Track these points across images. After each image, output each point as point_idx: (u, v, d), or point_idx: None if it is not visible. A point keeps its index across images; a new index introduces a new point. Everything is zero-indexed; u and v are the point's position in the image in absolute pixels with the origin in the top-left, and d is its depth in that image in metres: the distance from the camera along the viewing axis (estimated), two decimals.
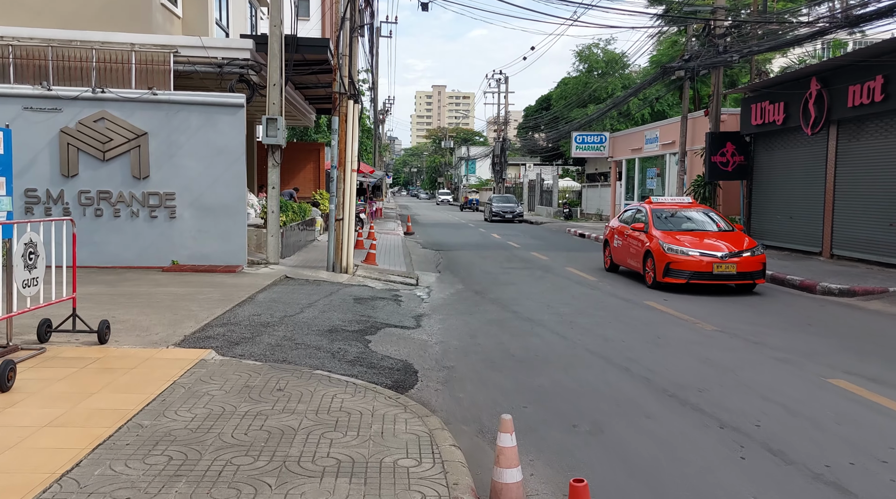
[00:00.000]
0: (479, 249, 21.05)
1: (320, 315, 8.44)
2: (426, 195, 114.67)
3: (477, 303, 10.84)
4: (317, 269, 13.02)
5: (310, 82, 18.04)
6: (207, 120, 12.49)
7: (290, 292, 10.16)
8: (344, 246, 12.74)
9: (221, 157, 12.52)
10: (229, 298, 9.12)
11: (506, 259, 18.10)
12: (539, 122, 66.69)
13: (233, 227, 12.59)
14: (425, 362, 6.72)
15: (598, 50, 63.02)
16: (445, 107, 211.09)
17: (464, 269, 15.76)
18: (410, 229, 27.15)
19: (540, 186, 47.66)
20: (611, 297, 11.64)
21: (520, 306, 10.49)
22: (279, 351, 6.42)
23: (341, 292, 10.61)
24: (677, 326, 9.06)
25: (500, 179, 57.20)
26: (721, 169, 19.13)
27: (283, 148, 13.53)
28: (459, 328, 8.66)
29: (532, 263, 17.18)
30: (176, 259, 12.44)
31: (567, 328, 8.78)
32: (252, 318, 7.93)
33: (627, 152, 28.33)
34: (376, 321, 8.46)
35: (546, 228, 32.27)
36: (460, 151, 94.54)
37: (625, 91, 57.50)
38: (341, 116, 12.67)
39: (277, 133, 12.68)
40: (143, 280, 10.64)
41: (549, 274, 14.80)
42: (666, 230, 12.94)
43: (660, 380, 6.30)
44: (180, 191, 12.46)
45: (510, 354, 7.28)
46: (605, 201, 36.36)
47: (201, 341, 6.55)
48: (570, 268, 15.91)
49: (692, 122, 22.18)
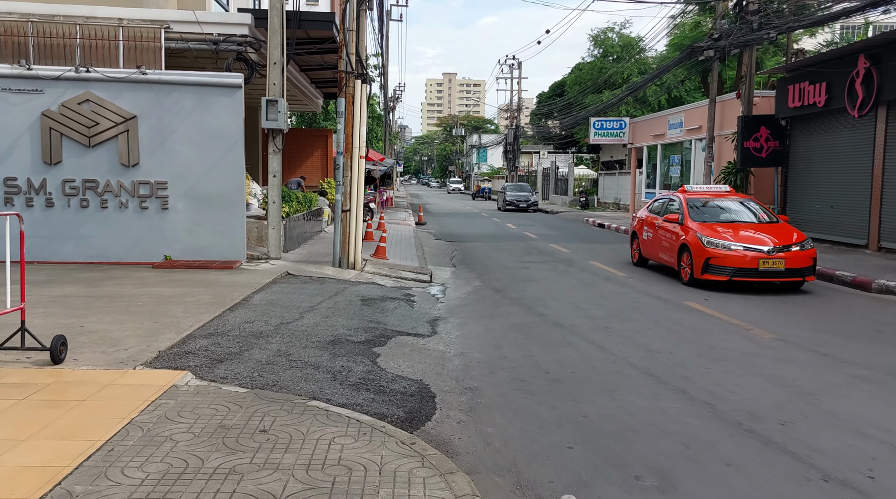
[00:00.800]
0: (494, 241, 19.95)
1: (322, 322, 7.39)
2: (437, 184, 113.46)
3: (498, 303, 9.77)
4: (322, 264, 11.99)
5: (315, 63, 16.94)
6: (202, 102, 11.44)
7: (290, 293, 9.13)
8: (351, 239, 11.69)
9: (218, 142, 11.48)
10: (221, 300, 8.10)
11: (524, 251, 17.00)
12: (552, 108, 65.33)
13: (230, 219, 11.57)
14: (444, 383, 5.66)
15: (614, 34, 61.40)
16: (456, 94, 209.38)
17: (480, 262, 14.68)
18: (422, 219, 26.09)
19: (554, 175, 46.41)
20: (645, 296, 10.53)
21: (546, 308, 9.41)
22: (270, 371, 5.37)
23: (348, 292, 9.57)
24: (728, 333, 7.95)
25: (512, 167, 55.94)
26: (754, 155, 17.90)
27: (286, 134, 12.49)
28: (481, 336, 7.60)
29: (553, 256, 16.08)
30: (168, 254, 11.44)
31: (603, 336, 7.69)
32: (243, 326, 6.89)
33: (648, 139, 27.06)
34: (386, 328, 7.40)
35: (562, 218, 31.11)
36: (471, 139, 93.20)
37: (641, 76, 56.08)
38: (348, 98, 11.58)
39: (279, 116, 11.62)
40: (129, 278, 9.64)
41: (572, 269, 13.69)
42: (704, 222, 11.78)
43: (727, 407, 5.21)
44: (173, 180, 11.43)
45: (543, 370, 6.21)
46: (624, 190, 35.09)
47: (178, 359, 5.52)
48: (594, 262, 14.79)
49: (720, 106, 20.90)
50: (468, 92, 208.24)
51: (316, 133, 24.15)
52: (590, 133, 30.62)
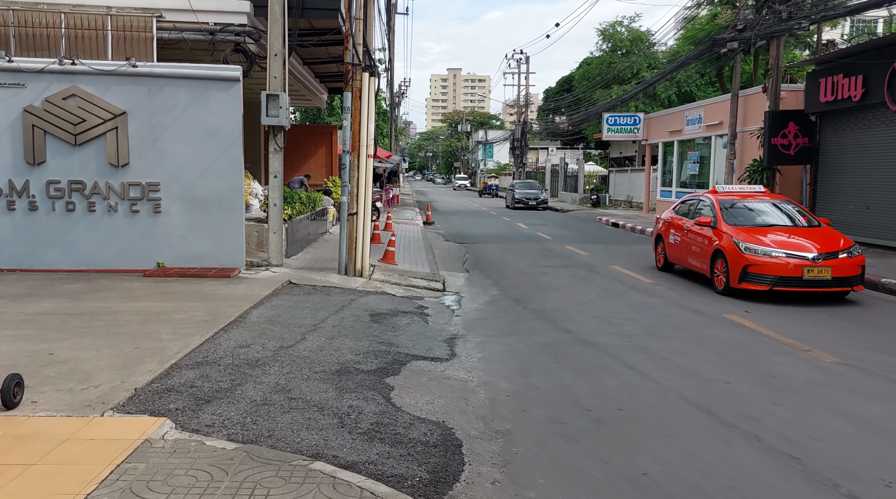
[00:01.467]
0: (506, 242, 19.09)
1: (327, 344, 6.54)
2: (442, 180, 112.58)
3: (518, 316, 8.91)
4: (327, 271, 11.14)
5: (319, 57, 16.09)
6: (197, 97, 10.60)
7: (292, 307, 8.28)
8: (358, 245, 10.83)
9: (215, 140, 10.64)
10: (215, 317, 7.26)
11: (539, 254, 16.13)
12: (560, 104, 64.34)
13: (228, 222, 10.73)
14: (470, 425, 4.81)
15: (623, 28, 60.50)
16: (461, 90, 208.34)
17: (494, 267, 13.82)
18: (430, 218, 25.23)
19: (564, 171, 45.46)
20: (678, 308, 9.66)
21: (572, 322, 8.55)
22: (265, 415, 4.53)
23: (355, 305, 8.72)
24: (783, 354, 7.08)
25: (520, 163, 54.99)
26: (782, 152, 16.97)
27: (288, 131, 11.65)
28: (505, 359, 6.75)
29: (570, 259, 15.20)
30: (161, 261, 10.62)
31: (642, 358, 6.83)
32: (237, 351, 6.05)
33: (664, 135, 26.12)
34: (399, 352, 6.55)
35: (574, 217, 30.21)
36: (477, 135, 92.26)
37: (650, 71, 55.05)
38: (354, 92, 10.72)
39: (279, 112, 10.77)
40: (116, 290, 8.81)
41: (594, 274, 12.82)
42: (739, 226, 10.89)
43: (815, 462, 4.34)
44: (166, 181, 10.60)
45: (583, 406, 5.35)
46: (636, 187, 34.16)
47: (157, 399, 4.68)
48: (615, 266, 13.91)
49: (743, 101, 19.96)
50: (473, 88, 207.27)
51: (320, 130, 23.30)
52: (603, 129, 29.68)
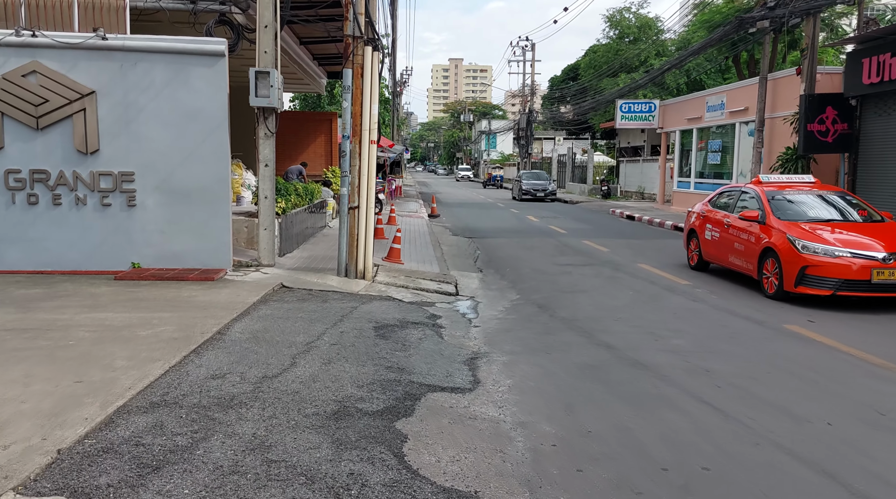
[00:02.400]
0: (518, 236, 17.81)
1: (322, 371, 5.28)
2: (444, 171, 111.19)
3: (547, 327, 7.65)
4: (325, 272, 9.87)
5: (317, 35, 14.76)
6: (177, 74, 9.31)
7: (283, 317, 7.02)
8: (360, 242, 9.56)
9: (197, 124, 9.37)
10: (188, 333, 6.01)
11: (556, 250, 14.86)
12: (566, 93, 62.90)
13: (213, 217, 9.47)
14: (513, 498, 3.54)
15: (630, 14, 59.03)
16: (462, 80, 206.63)
17: (509, 265, 12.55)
18: (435, 211, 23.95)
19: (571, 162, 44.11)
20: (729, 315, 8.39)
21: (610, 334, 7.29)
22: (231, 495, 3.26)
23: (357, 315, 7.45)
24: (879, 379, 5.82)
25: (525, 153, 53.58)
26: (819, 139, 15.65)
27: (283, 115, 10.39)
28: (541, 386, 5.48)
29: (591, 256, 13.92)
30: (137, 261, 9.36)
31: (707, 385, 5.57)
32: (208, 385, 4.79)
33: (682, 122, 24.77)
34: (411, 380, 5.28)
35: (585, 209, 28.90)
36: (480, 125, 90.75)
37: (659, 58, 53.60)
38: (355, 69, 9.41)
39: (271, 92, 9.48)
40: (78, 297, 7.56)
41: (620, 274, 11.55)
42: (792, 221, 9.61)
43: None
44: (141, 170, 9.33)
45: (655, 462, 4.09)
46: (648, 178, 32.83)
47: (86, 467, 3.41)
48: (642, 264, 12.64)
49: (773, 85, 18.61)
50: (475, 78, 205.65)
51: (319, 117, 21.98)
52: (616, 117, 28.32)
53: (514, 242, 16.63)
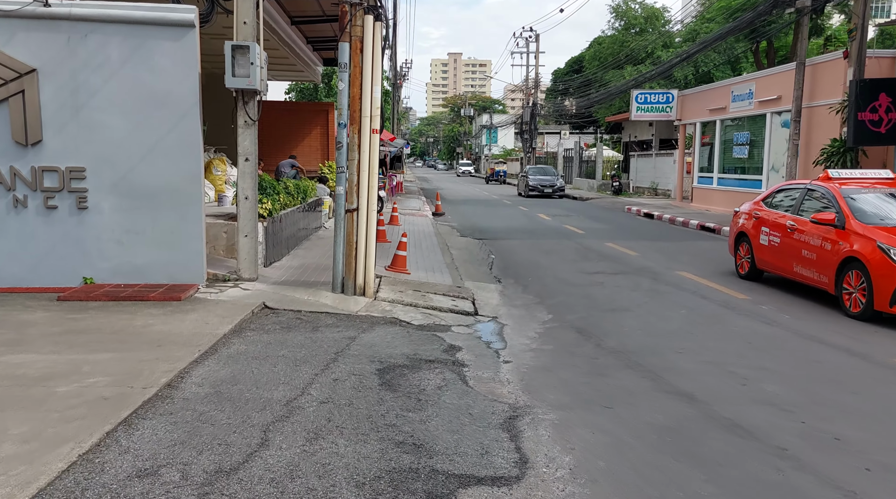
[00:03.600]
0: (533, 238, 16.20)
1: (305, 458, 3.66)
2: (444, 166, 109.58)
3: (596, 363, 6.04)
4: (318, 287, 8.25)
5: (310, 14, 13.11)
6: (137, 49, 7.68)
7: (258, 359, 5.40)
8: (360, 253, 7.93)
9: (162, 110, 7.75)
10: (125, 389, 4.39)
11: (578, 254, 13.25)
12: (569, 86, 61.29)
13: (182, 222, 7.86)
14: None
15: (636, 4, 57.42)
16: (462, 75, 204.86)
17: (530, 273, 10.95)
18: (440, 209, 22.32)
19: (579, 157, 42.47)
20: (816, 344, 6.78)
21: (680, 375, 5.69)
22: None
23: (356, 350, 5.84)
24: None
25: (529, 148, 51.91)
26: (871, 130, 14.04)
27: (277, 108, 8.76)
28: (615, 470, 3.88)
29: (620, 262, 12.31)
30: (90, 276, 7.75)
31: (852, 467, 3.98)
32: (128, 491, 3.17)
33: (703, 113, 23.13)
34: (434, 468, 3.68)
35: (597, 206, 27.26)
36: (481, 120, 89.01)
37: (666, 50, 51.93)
38: (354, 42, 7.78)
39: (251, 71, 7.85)
40: (4, 326, 5.94)
41: (662, 285, 9.95)
42: (878, 225, 8.00)
43: None
44: (95, 165, 7.72)
45: None
46: (662, 173, 31.18)
47: None
48: (683, 273, 11.03)
49: (811, 71, 16.97)
50: (474, 72, 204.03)
51: (315, 108, 20.32)
52: (631, 108, 26.67)
53: (528, 244, 15.02)
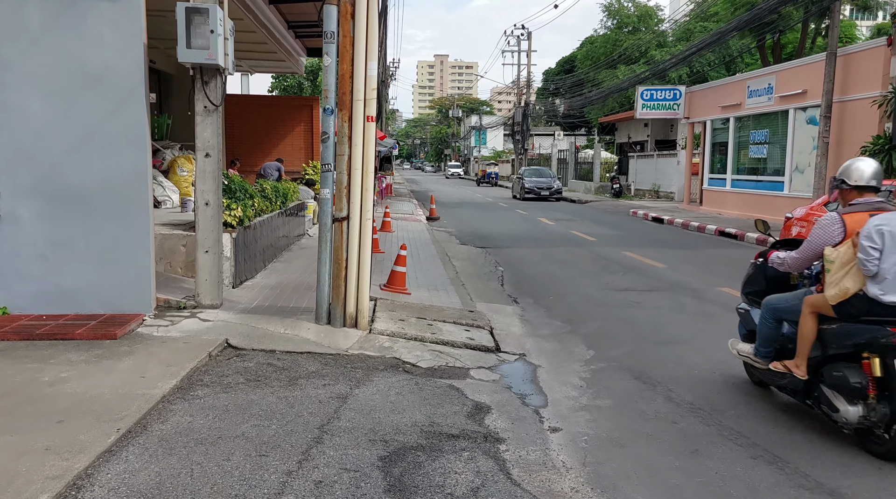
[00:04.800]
0: (540, 245, 14.59)
1: None
2: (432, 168, 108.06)
3: (684, 431, 4.41)
4: (298, 315, 6.55)
5: None
6: (64, 12, 5.97)
7: (205, 443, 3.69)
8: (351, 274, 6.23)
9: (97, 90, 6.05)
10: None
11: (597, 265, 11.65)
12: (561, 86, 60.04)
13: (125, 232, 6.16)
14: None
15: (629, 3, 56.26)
16: (448, 76, 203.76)
17: (549, 289, 9.35)
18: (434, 213, 20.65)
19: (575, 158, 40.99)
20: None
21: (802, 452, 4.07)
22: None
23: (346, 420, 4.15)
24: None
25: (521, 149, 50.40)
26: None
27: (256, 103, 7.04)
28: None
29: (647, 274, 10.71)
30: (4, 304, 6.03)
31: None
32: None
33: (714, 111, 21.65)
34: None
35: (599, 210, 25.70)
36: (469, 121, 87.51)
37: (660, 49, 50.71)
38: (343, 7, 6.10)
39: (211, 41, 6.15)
40: None
41: (707, 305, 8.36)
42: None
43: None
44: (9, 161, 6.03)
45: None
46: (664, 175, 29.74)
47: None
48: (725, 289, 9.46)
49: (844, 62, 15.49)
50: (460, 74, 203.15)
51: (297, 102, 18.59)
52: (636, 105, 25.14)
53: (538, 253, 13.40)
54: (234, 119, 16.19)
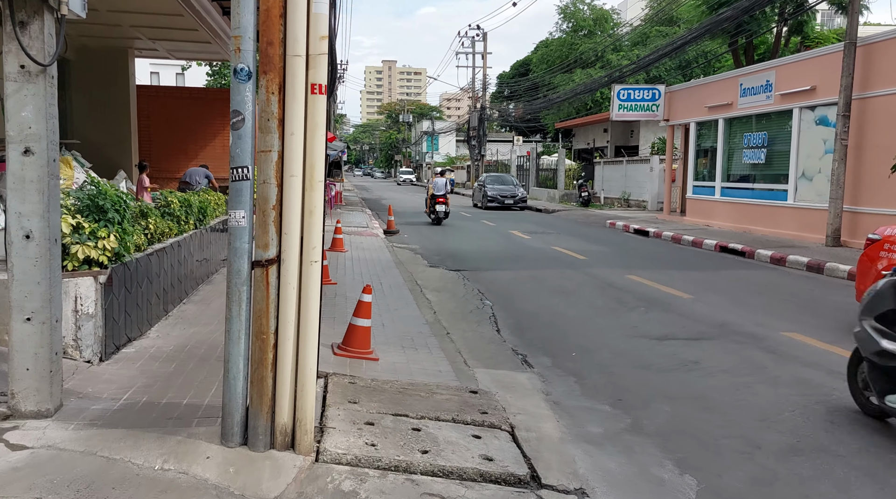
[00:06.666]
0: (524, 266, 12.16)
1: None
2: (382, 174, 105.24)
3: None
4: (193, 426, 3.83)
5: None
6: None
7: None
8: (285, 360, 3.55)
9: None
10: None
11: (607, 296, 9.25)
12: (516, 90, 58.32)
13: None
14: None
15: (585, 6, 55.02)
16: (396, 82, 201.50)
17: (564, 338, 6.85)
18: (393, 226, 17.98)
19: (536, 165, 38.89)
20: None
21: None
22: None
23: None
24: None
25: (478, 155, 48.13)
26: None
27: (173, 96, 4.40)
28: None
29: (677, 311, 8.31)
30: None
31: None
32: None
33: (700, 112, 19.65)
34: None
35: (570, 220, 23.44)
36: (421, 126, 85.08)
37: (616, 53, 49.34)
38: None
39: None
40: None
41: (792, 365, 5.98)
42: None
43: None
44: None
45: None
46: (635, 182, 27.79)
47: None
48: (793, 334, 7.14)
49: (864, 52, 13.53)
50: (409, 80, 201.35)
51: (223, 95, 15.64)
52: (613, 106, 22.98)
53: (525, 277, 10.94)
54: (148, 114, 13.29)
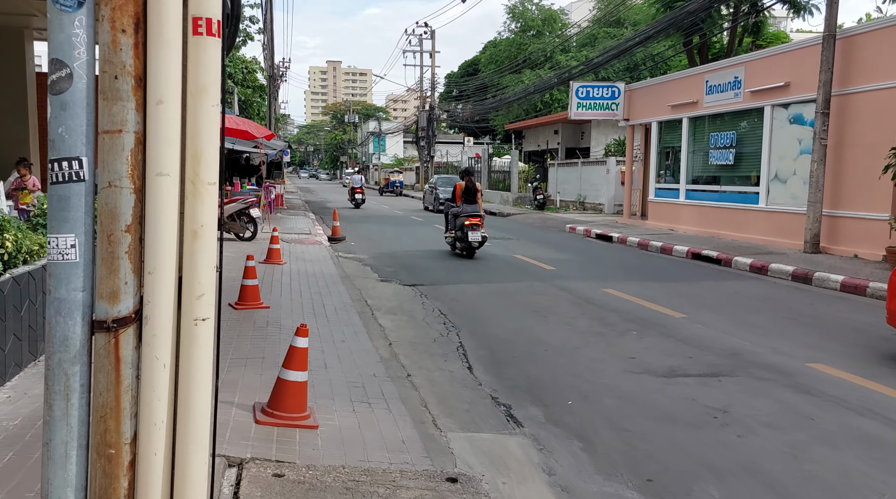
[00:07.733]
0: (488, 279, 10.82)
1: None
2: (327, 176, 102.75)
3: None
4: None
5: None
6: None
7: None
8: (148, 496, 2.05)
9: None
10: None
11: (587, 315, 7.97)
12: (465, 91, 57.21)
13: None
14: None
15: (533, 6, 54.36)
16: (342, 83, 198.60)
17: (557, 381, 5.50)
18: (339, 232, 16.37)
19: (488, 167, 37.71)
20: None
21: None
22: None
23: None
24: None
25: (427, 156, 46.75)
26: None
27: None
28: None
29: (677, 335, 7.06)
30: None
31: None
32: None
33: (663, 111, 18.73)
34: None
35: (527, 224, 22.25)
36: (368, 127, 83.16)
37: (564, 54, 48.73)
38: None
39: None
40: None
41: (846, 413, 4.77)
42: None
43: None
44: None
45: None
46: (591, 185, 26.87)
47: None
48: (821, 366, 5.98)
49: (845, 45, 12.69)
50: (354, 81, 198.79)
51: None
52: (571, 104, 21.88)
53: (491, 292, 9.59)
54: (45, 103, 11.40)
